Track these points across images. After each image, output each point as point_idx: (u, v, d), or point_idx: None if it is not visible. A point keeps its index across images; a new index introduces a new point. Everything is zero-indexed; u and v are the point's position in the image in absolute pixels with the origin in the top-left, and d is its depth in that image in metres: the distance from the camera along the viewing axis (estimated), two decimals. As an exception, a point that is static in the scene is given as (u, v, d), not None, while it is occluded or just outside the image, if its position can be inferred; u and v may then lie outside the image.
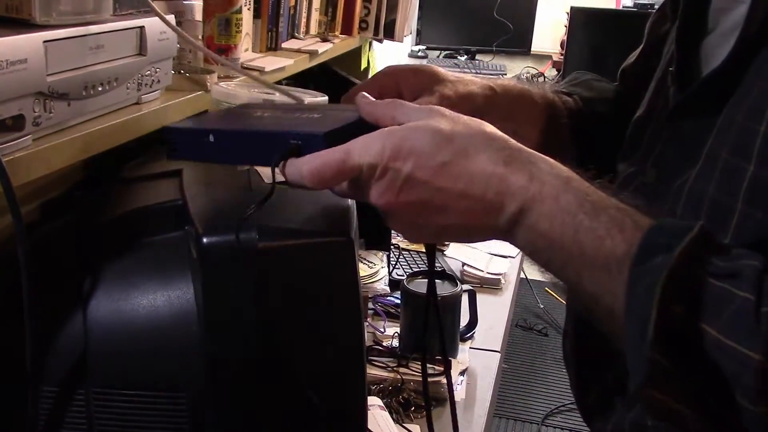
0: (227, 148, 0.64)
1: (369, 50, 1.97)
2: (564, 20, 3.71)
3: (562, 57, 3.71)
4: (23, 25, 0.64)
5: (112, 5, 0.75)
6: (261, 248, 0.57)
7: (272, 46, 1.36)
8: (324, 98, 0.88)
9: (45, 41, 0.63)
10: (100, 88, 0.73)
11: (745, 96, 0.59)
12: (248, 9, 1.23)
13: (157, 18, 0.83)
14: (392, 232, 1.74)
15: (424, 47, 3.69)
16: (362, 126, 0.60)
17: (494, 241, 1.93)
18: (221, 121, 0.73)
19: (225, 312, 0.59)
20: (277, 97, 0.87)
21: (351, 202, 0.69)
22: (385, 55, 3.01)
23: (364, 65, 1.94)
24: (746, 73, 0.60)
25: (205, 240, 0.58)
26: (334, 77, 1.69)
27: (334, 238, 0.60)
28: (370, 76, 2.09)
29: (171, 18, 0.88)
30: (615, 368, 0.74)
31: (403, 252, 1.75)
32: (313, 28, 1.59)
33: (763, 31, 0.59)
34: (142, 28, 0.80)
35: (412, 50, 3.58)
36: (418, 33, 3.63)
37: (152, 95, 0.86)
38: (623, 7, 3.84)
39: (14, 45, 0.59)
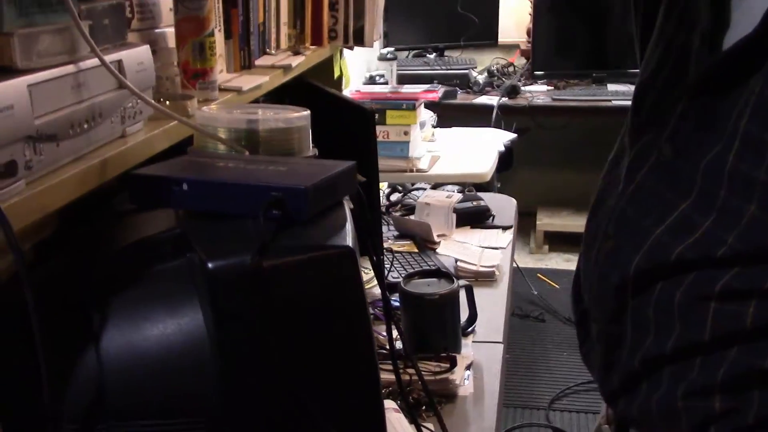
0: (201, 197, 0.67)
1: (341, 58, 1.98)
2: (528, 8, 3.74)
3: (529, 45, 3.74)
4: (5, 71, 0.64)
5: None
6: (266, 267, 0.58)
7: (246, 64, 1.36)
8: (306, 112, 0.89)
9: (29, 85, 0.64)
10: (86, 126, 0.74)
11: None
12: (219, 31, 1.23)
13: (134, 49, 0.84)
14: (383, 236, 1.76)
15: (392, 49, 3.70)
16: (339, 180, 0.65)
17: (483, 233, 1.94)
18: (190, 170, 0.75)
19: (236, 334, 0.59)
20: (260, 116, 0.88)
21: (347, 211, 0.70)
22: (355, 61, 3.02)
23: (337, 74, 1.95)
24: None
25: (210, 265, 0.58)
26: (309, 89, 1.69)
27: (336, 249, 0.61)
28: (343, 83, 2.10)
29: (146, 48, 0.89)
30: (643, 351, 0.74)
31: (396, 254, 1.76)
32: (284, 42, 1.60)
33: None
34: (120, 61, 0.80)
35: (381, 53, 3.59)
36: (386, 35, 3.63)
37: (136, 126, 0.86)
38: (585, -10, 3.87)
39: (0, 92, 0.60)
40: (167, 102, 0.97)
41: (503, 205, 2.19)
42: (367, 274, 1.52)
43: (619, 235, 0.77)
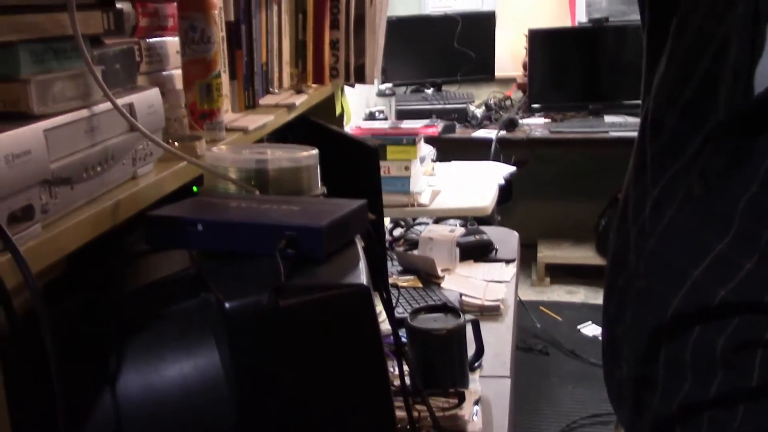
0: (216, 237, 0.68)
1: (342, 95, 2.00)
2: (523, 43, 3.79)
3: (526, 78, 3.78)
4: (21, 117, 0.65)
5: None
6: (282, 307, 0.59)
7: (250, 104, 1.38)
8: (314, 151, 0.90)
9: (45, 130, 0.65)
10: (99, 168, 0.75)
11: None
12: (224, 72, 1.25)
13: (145, 92, 0.85)
14: (389, 272, 1.76)
15: (390, 85, 3.74)
16: (351, 219, 0.65)
17: (487, 267, 1.94)
18: (204, 211, 0.75)
19: (254, 373, 0.60)
20: (269, 155, 0.89)
21: (359, 248, 0.71)
22: (355, 97, 3.05)
23: (338, 110, 1.97)
24: None
25: (227, 305, 0.59)
26: (311, 126, 1.71)
27: (351, 287, 0.62)
28: (345, 120, 2.12)
29: (155, 91, 0.90)
30: (680, 396, 0.72)
31: (401, 290, 1.76)
32: (286, 81, 1.62)
33: None
34: (131, 104, 0.82)
35: (379, 89, 3.63)
36: (383, 71, 3.67)
37: (147, 168, 0.87)
38: (579, 24, 3.93)
39: (17, 138, 0.61)
40: (176, 143, 0.98)
41: (505, 238, 2.20)
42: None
43: (651, 274, 0.75)
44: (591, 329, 3.38)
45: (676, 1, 0.75)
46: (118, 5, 0.82)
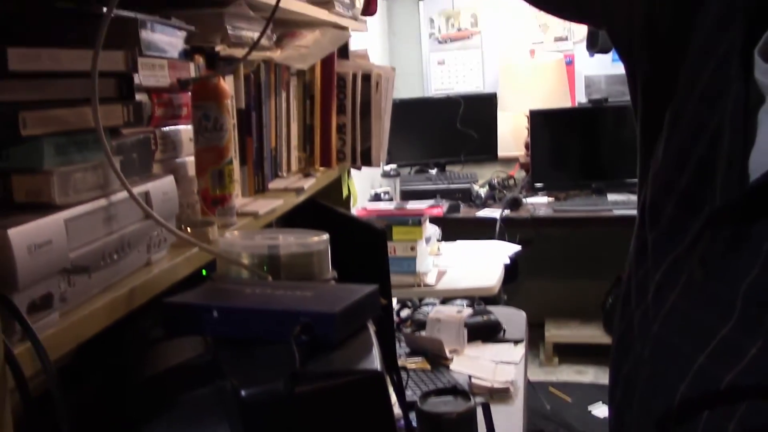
0: (231, 324, 0.69)
1: (348, 178, 2.03)
2: (525, 123, 3.86)
3: (528, 158, 3.83)
4: (43, 207, 0.67)
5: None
6: (298, 394, 0.59)
7: (260, 188, 1.41)
8: (325, 236, 0.91)
9: (66, 220, 0.66)
10: (115, 256, 0.76)
11: None
12: (235, 157, 1.28)
13: (160, 180, 0.87)
14: (397, 354, 1.75)
15: (395, 166, 3.80)
16: (364, 304, 0.67)
17: (495, 348, 1.92)
18: (219, 297, 0.77)
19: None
20: (281, 241, 0.91)
21: (371, 333, 0.71)
22: (360, 178, 3.09)
23: (345, 193, 2.00)
24: None
25: (243, 393, 0.59)
26: (319, 209, 1.73)
27: (366, 373, 0.62)
28: (351, 202, 2.15)
29: (170, 179, 0.92)
30: None
31: (409, 372, 1.75)
32: (294, 165, 1.65)
33: None
34: (147, 193, 0.84)
35: (384, 170, 3.68)
36: (388, 152, 3.74)
37: (161, 254, 0.88)
38: (579, 104, 4.01)
39: (40, 228, 0.62)
40: (188, 228, 1.00)
41: (513, 318, 2.19)
42: (382, 392, 1.51)
43: (657, 359, 0.75)
44: (601, 410, 3.32)
45: (670, 92, 0.77)
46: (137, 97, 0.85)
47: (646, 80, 0.80)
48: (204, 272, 1.01)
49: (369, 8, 1.98)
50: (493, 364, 1.81)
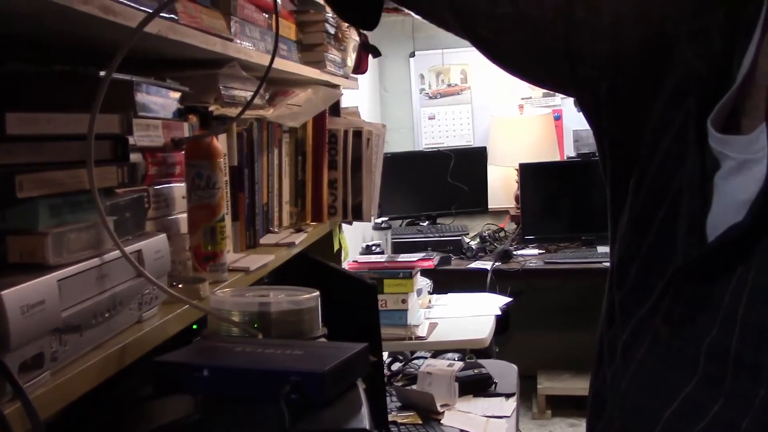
0: (221, 383, 0.69)
1: (339, 232, 2.04)
2: (515, 176, 3.90)
3: (518, 210, 3.87)
4: (37, 267, 0.68)
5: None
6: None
7: (251, 244, 1.42)
8: (315, 293, 0.93)
9: (59, 280, 0.67)
10: (107, 315, 0.77)
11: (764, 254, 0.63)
12: (227, 213, 1.29)
13: (152, 239, 0.89)
14: (388, 408, 1.74)
15: (386, 218, 3.82)
16: (353, 362, 0.68)
17: (487, 402, 1.92)
18: (209, 356, 0.77)
19: None
20: (271, 298, 0.92)
21: (361, 391, 0.72)
22: (351, 231, 3.11)
23: (336, 247, 2.01)
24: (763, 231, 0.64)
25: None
26: (310, 263, 1.74)
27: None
28: (342, 255, 2.16)
29: (163, 237, 0.93)
30: None
31: (400, 427, 1.74)
32: (286, 220, 1.67)
33: None
34: (139, 251, 0.85)
35: (375, 223, 3.70)
36: (379, 205, 3.77)
37: (152, 311, 0.89)
38: (567, 158, 4.06)
39: (33, 289, 0.64)
40: (180, 285, 1.01)
41: (504, 372, 2.19)
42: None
43: (626, 417, 0.77)
44: (595, 464, 3.28)
45: (636, 155, 0.80)
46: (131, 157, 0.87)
47: (613, 144, 0.83)
48: (195, 326, 1.01)
49: (360, 67, 2.03)
50: (484, 419, 1.80)
